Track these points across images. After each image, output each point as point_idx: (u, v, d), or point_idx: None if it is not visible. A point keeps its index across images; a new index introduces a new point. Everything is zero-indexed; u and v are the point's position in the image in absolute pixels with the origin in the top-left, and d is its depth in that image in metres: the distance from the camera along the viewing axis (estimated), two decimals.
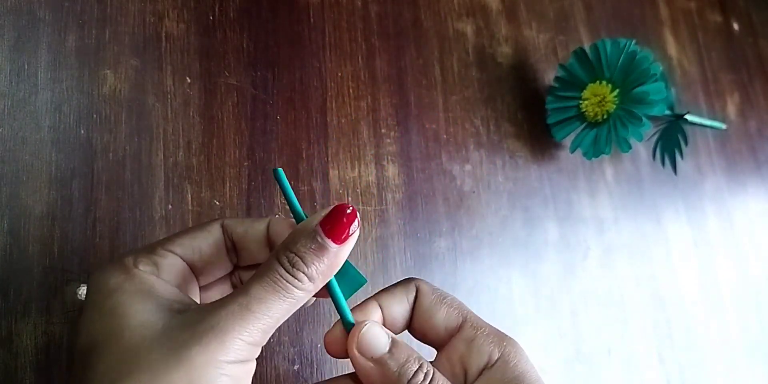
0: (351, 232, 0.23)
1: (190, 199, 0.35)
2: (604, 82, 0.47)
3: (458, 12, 0.49)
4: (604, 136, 0.47)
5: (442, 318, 0.26)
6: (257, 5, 0.40)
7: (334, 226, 0.22)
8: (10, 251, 0.30)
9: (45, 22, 0.33)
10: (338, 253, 0.23)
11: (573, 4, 0.57)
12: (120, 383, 0.19)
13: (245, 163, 0.37)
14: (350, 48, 0.43)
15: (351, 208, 0.23)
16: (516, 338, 0.25)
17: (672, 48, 0.63)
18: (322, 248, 0.22)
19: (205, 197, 0.35)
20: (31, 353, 0.29)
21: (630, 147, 0.46)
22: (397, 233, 0.41)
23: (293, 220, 0.26)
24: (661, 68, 0.47)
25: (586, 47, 0.49)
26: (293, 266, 0.22)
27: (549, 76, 0.52)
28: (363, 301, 0.26)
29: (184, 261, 0.25)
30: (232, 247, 0.26)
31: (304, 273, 0.22)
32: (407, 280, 0.27)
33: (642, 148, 0.56)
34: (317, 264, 0.22)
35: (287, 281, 0.22)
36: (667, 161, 0.53)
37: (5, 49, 0.32)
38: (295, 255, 0.22)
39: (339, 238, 0.22)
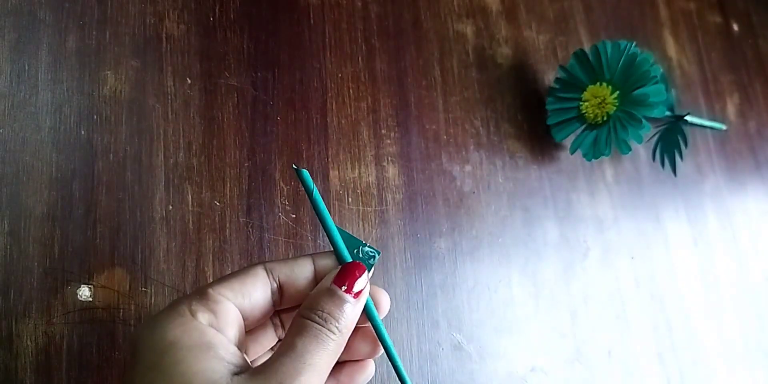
0: (363, 286, 0.26)
1: (190, 199, 0.35)
2: (604, 84, 0.47)
3: (458, 13, 0.49)
4: (604, 138, 0.47)
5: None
6: (257, 6, 0.40)
7: (348, 282, 0.25)
8: (10, 252, 0.30)
9: (45, 23, 0.34)
10: (356, 306, 0.25)
11: (573, 5, 0.57)
12: None
13: (246, 164, 0.37)
14: (350, 49, 0.43)
15: (359, 264, 0.26)
16: (516, 338, 0.26)
17: (672, 49, 0.63)
18: (343, 303, 0.25)
19: (206, 198, 0.35)
20: (31, 354, 0.29)
21: (630, 149, 0.46)
22: (397, 234, 0.41)
23: (332, 251, 0.27)
24: (661, 70, 0.47)
25: (587, 48, 0.49)
26: (326, 321, 0.24)
27: (549, 77, 0.52)
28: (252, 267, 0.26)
29: (236, 307, 0.25)
30: (277, 289, 0.27)
31: (336, 326, 0.24)
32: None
33: (642, 149, 0.56)
34: (343, 317, 0.24)
35: (326, 334, 0.24)
36: (667, 162, 0.53)
37: (6, 50, 0.32)
38: (323, 311, 0.24)
39: (353, 292, 0.25)
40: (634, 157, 0.55)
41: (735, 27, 0.71)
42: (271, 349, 0.29)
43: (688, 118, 0.53)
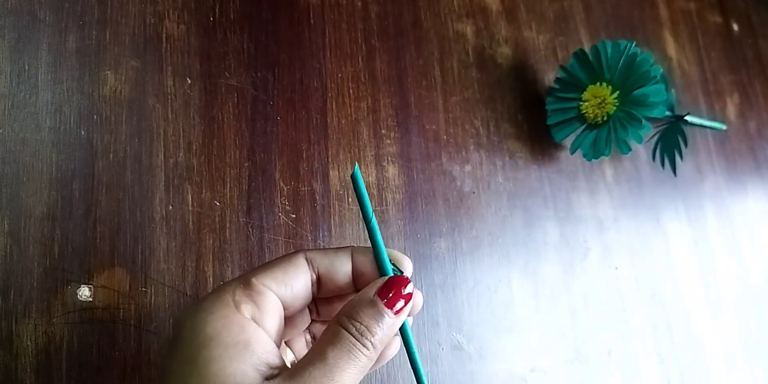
0: (406, 304, 0.25)
1: (190, 199, 0.35)
2: (604, 84, 0.47)
3: (458, 13, 0.49)
4: (604, 138, 0.47)
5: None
6: (257, 6, 0.40)
7: (392, 297, 0.24)
8: (10, 252, 0.30)
9: (45, 23, 0.34)
10: (395, 323, 0.24)
11: (572, 5, 0.57)
12: None
13: (246, 164, 0.37)
14: (350, 49, 0.43)
15: (408, 281, 0.25)
16: (516, 338, 0.25)
17: (671, 49, 0.63)
18: (382, 317, 0.24)
19: (206, 198, 0.35)
20: (31, 354, 0.29)
21: (630, 149, 0.46)
22: (398, 234, 0.41)
23: (371, 248, 0.27)
24: (661, 70, 0.47)
25: (587, 48, 0.49)
26: (362, 335, 0.23)
27: (549, 77, 0.52)
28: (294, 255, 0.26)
29: (278, 297, 0.25)
30: (316, 279, 0.26)
31: (370, 341, 0.23)
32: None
33: (642, 149, 0.56)
34: (379, 333, 0.24)
35: (359, 349, 0.23)
36: (667, 162, 0.53)
37: (6, 50, 0.32)
38: (361, 324, 0.23)
39: (395, 308, 0.24)
40: (634, 157, 0.55)
41: (735, 27, 0.71)
42: (306, 329, 0.29)
43: (688, 118, 0.53)
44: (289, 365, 0.24)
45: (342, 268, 0.26)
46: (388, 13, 0.46)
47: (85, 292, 0.31)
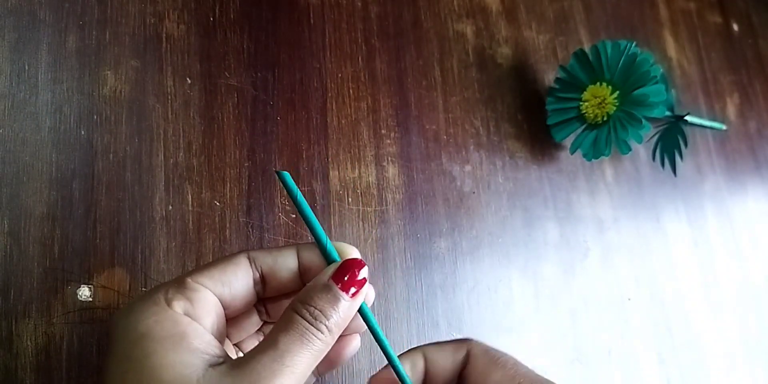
0: (362, 286, 0.24)
1: (190, 199, 0.35)
2: (604, 84, 0.47)
3: (458, 13, 0.49)
4: (604, 138, 0.47)
5: (495, 381, 0.25)
6: (257, 6, 0.40)
7: (347, 280, 0.24)
8: (10, 252, 0.30)
9: (45, 23, 0.34)
10: (351, 306, 0.24)
11: (572, 5, 0.57)
12: None
13: (246, 164, 0.37)
14: (350, 49, 0.43)
15: (363, 264, 0.25)
16: (516, 338, 0.25)
17: (671, 49, 0.63)
18: (337, 301, 0.23)
19: (206, 198, 0.35)
20: (31, 354, 0.29)
21: (630, 149, 0.46)
22: (397, 234, 0.41)
23: (316, 243, 0.26)
24: (661, 70, 0.47)
25: (587, 48, 0.49)
26: (316, 319, 0.23)
27: (549, 77, 0.52)
28: (409, 350, 0.26)
29: (215, 295, 0.24)
30: (259, 279, 0.26)
31: (325, 325, 0.23)
32: (461, 340, 0.27)
33: (642, 149, 0.56)
34: (335, 316, 0.23)
35: (312, 333, 0.22)
36: (667, 162, 0.53)
37: (6, 50, 0.32)
38: (315, 308, 0.23)
39: (350, 291, 0.24)
40: (634, 157, 0.55)
41: (735, 27, 0.71)
42: (257, 331, 0.29)
43: (688, 118, 0.53)
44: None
45: (286, 265, 0.26)
46: (388, 13, 0.46)
47: (85, 292, 0.31)
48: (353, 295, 0.24)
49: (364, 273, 0.25)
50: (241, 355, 0.28)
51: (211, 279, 0.24)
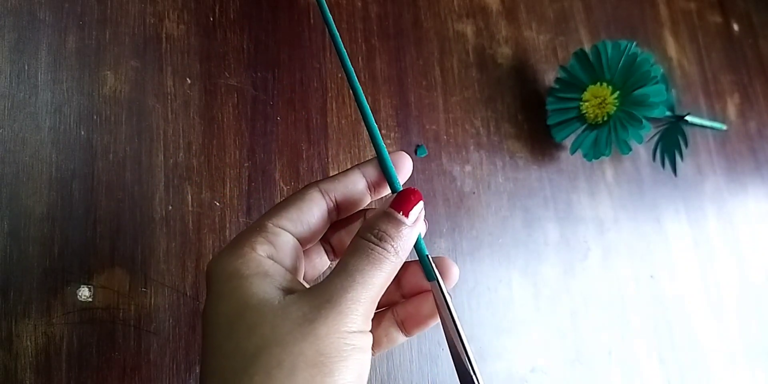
0: (419, 212, 0.26)
1: (190, 199, 0.35)
2: (604, 84, 0.47)
3: (458, 13, 0.49)
4: (605, 138, 0.47)
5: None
6: (257, 6, 0.40)
7: (405, 207, 0.26)
8: (10, 252, 0.30)
9: (45, 23, 0.34)
10: (413, 231, 0.25)
11: (573, 5, 0.57)
12: (254, 357, 0.21)
13: (245, 164, 0.37)
14: (350, 49, 0.43)
15: (416, 192, 0.26)
16: (516, 338, 0.25)
17: (672, 49, 0.63)
18: (400, 224, 0.25)
19: (206, 198, 0.35)
20: (31, 354, 0.29)
21: (630, 149, 0.46)
22: None
23: (373, 160, 0.28)
24: (661, 70, 0.47)
25: (587, 48, 0.49)
26: (381, 240, 0.24)
27: (549, 77, 0.52)
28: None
29: (294, 236, 0.26)
30: (333, 207, 0.27)
31: (391, 245, 0.24)
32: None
33: (642, 149, 0.56)
34: (398, 238, 0.25)
35: (378, 253, 0.24)
36: (667, 163, 0.53)
37: (5, 50, 0.32)
38: (379, 231, 0.25)
39: (410, 218, 0.26)
40: (635, 158, 0.55)
41: (735, 27, 0.71)
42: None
43: (688, 118, 0.53)
44: None
45: (357, 188, 0.27)
46: (388, 13, 0.46)
47: (84, 293, 0.31)
48: (413, 221, 0.26)
49: (420, 201, 0.26)
50: None
51: (290, 221, 0.26)
